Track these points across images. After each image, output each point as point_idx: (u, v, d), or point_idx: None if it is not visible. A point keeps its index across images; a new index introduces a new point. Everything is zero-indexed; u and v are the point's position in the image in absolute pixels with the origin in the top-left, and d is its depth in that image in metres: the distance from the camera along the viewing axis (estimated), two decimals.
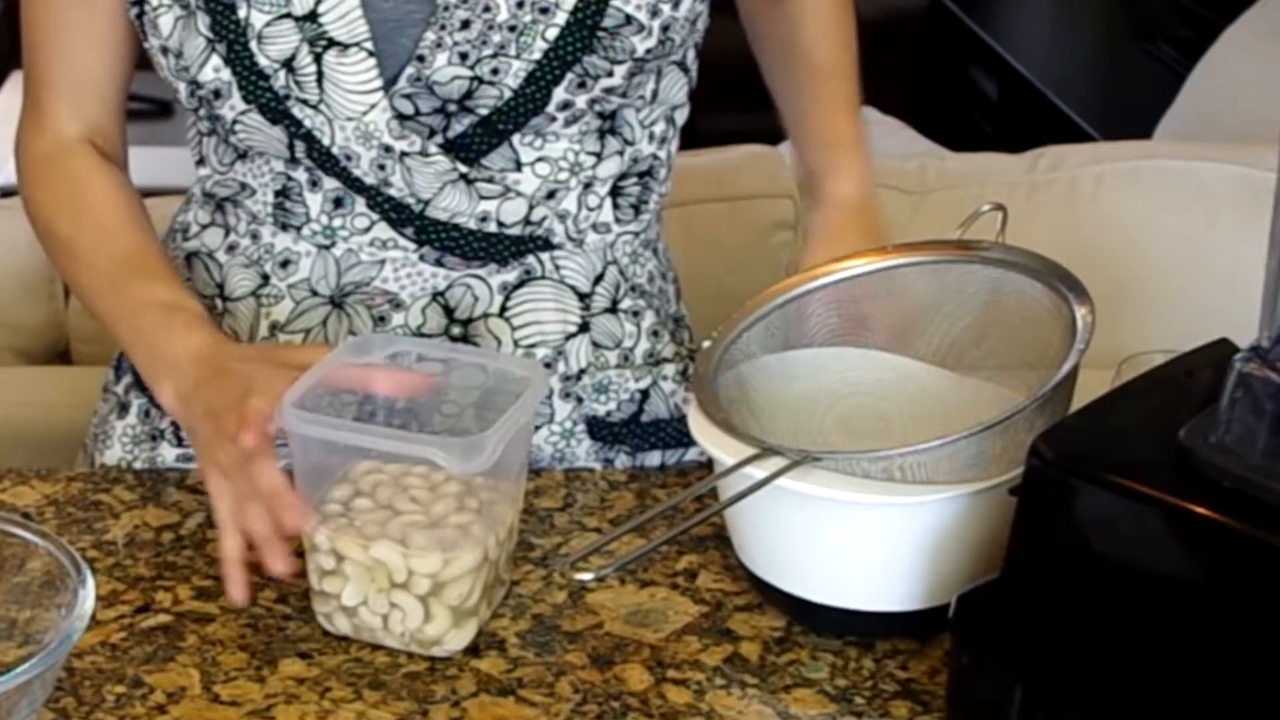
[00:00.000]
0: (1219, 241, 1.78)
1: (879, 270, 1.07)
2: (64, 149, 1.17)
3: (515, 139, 1.11)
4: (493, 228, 1.13)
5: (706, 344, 1.05)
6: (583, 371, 1.18)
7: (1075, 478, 0.84)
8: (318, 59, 1.08)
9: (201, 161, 1.19)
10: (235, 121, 1.11)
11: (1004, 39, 3.58)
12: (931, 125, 3.23)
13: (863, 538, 0.96)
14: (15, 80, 3.41)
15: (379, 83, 1.08)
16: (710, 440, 0.98)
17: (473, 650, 0.98)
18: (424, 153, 1.10)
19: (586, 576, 0.93)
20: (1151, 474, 0.83)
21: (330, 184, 1.13)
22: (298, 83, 1.08)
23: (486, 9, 1.07)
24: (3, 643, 0.91)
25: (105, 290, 1.14)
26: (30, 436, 1.58)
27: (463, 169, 1.11)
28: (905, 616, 0.98)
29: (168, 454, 1.20)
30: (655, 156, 1.19)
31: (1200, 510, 0.80)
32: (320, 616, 0.99)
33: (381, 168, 1.10)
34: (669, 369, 1.22)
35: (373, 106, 1.08)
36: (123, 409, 1.23)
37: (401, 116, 1.09)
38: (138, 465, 1.21)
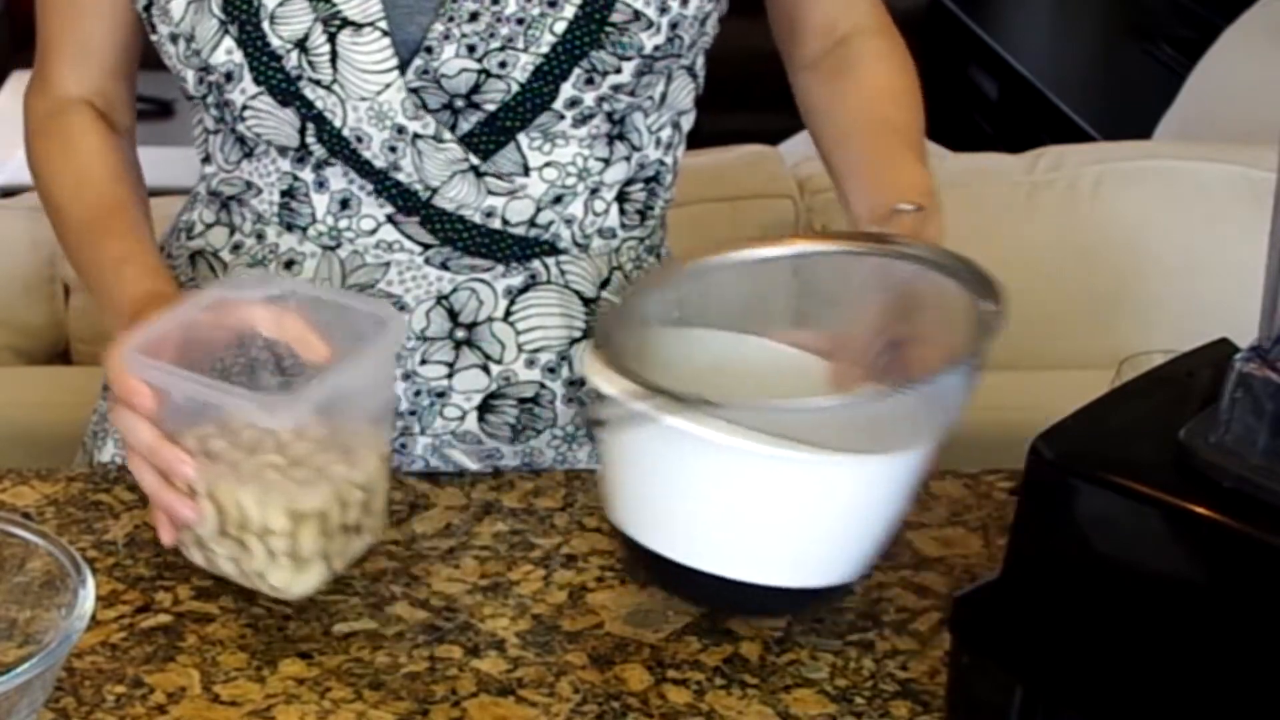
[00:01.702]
0: (1219, 241, 1.78)
1: (789, 256, 1.05)
2: (62, 107, 1.20)
3: (524, 142, 1.11)
4: (497, 224, 1.13)
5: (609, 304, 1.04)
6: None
7: (1075, 478, 0.84)
8: (331, 39, 1.08)
9: (207, 159, 1.19)
10: (245, 106, 1.11)
11: (1004, 39, 3.58)
12: (931, 125, 3.22)
13: (740, 493, 0.94)
14: (15, 80, 3.41)
15: (394, 62, 1.08)
16: (600, 376, 0.95)
17: (473, 650, 0.98)
18: (438, 138, 1.10)
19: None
20: (1151, 474, 0.83)
21: (337, 185, 1.13)
22: (310, 63, 1.08)
23: (495, 1, 1.07)
24: (3, 643, 0.91)
25: (75, 244, 1.17)
26: (30, 436, 1.58)
27: (474, 160, 1.11)
28: (775, 593, 0.97)
29: None
30: (662, 162, 1.19)
31: (1200, 510, 0.80)
32: (181, 546, 1.01)
33: (393, 150, 1.10)
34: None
35: (387, 86, 1.08)
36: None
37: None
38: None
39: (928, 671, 0.98)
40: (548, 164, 1.13)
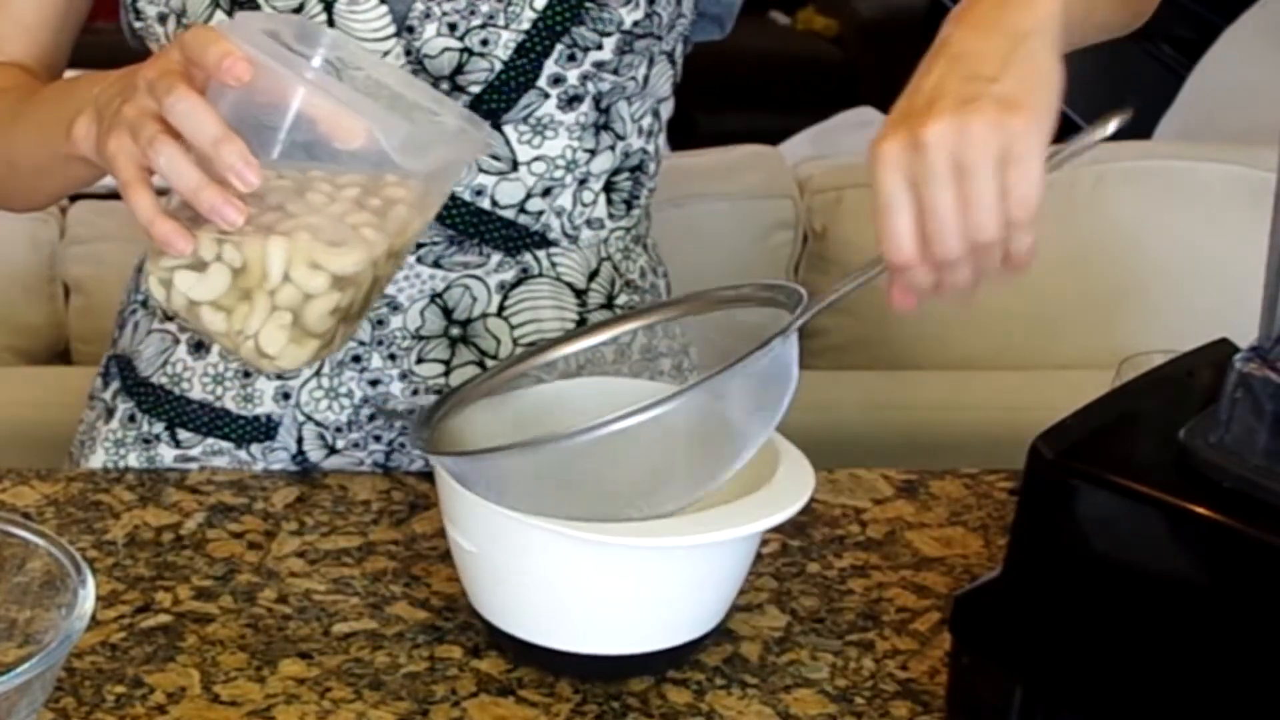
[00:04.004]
0: (1219, 241, 1.79)
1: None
2: None
3: (512, 136, 1.12)
4: (487, 204, 1.14)
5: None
6: (580, 368, 1.18)
7: (1075, 478, 0.84)
8: (328, 8, 1.08)
9: None
10: None
11: None
12: None
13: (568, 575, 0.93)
14: None
15: (392, 30, 1.08)
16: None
17: (473, 650, 0.98)
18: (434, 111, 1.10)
19: None
20: (1151, 474, 0.83)
21: None
22: None
23: None
24: (3, 643, 0.91)
25: (10, 122, 1.10)
26: (30, 436, 1.58)
27: None
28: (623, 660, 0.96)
29: (165, 454, 1.19)
30: (645, 151, 1.20)
31: (1200, 510, 0.80)
32: (152, 280, 0.92)
33: None
34: (665, 363, 1.23)
35: (384, 54, 1.09)
36: (109, 414, 1.23)
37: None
38: (126, 467, 1.20)
39: (928, 671, 0.98)
40: (537, 158, 1.13)
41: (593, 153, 1.15)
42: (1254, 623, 0.79)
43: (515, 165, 1.13)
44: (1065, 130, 0.89)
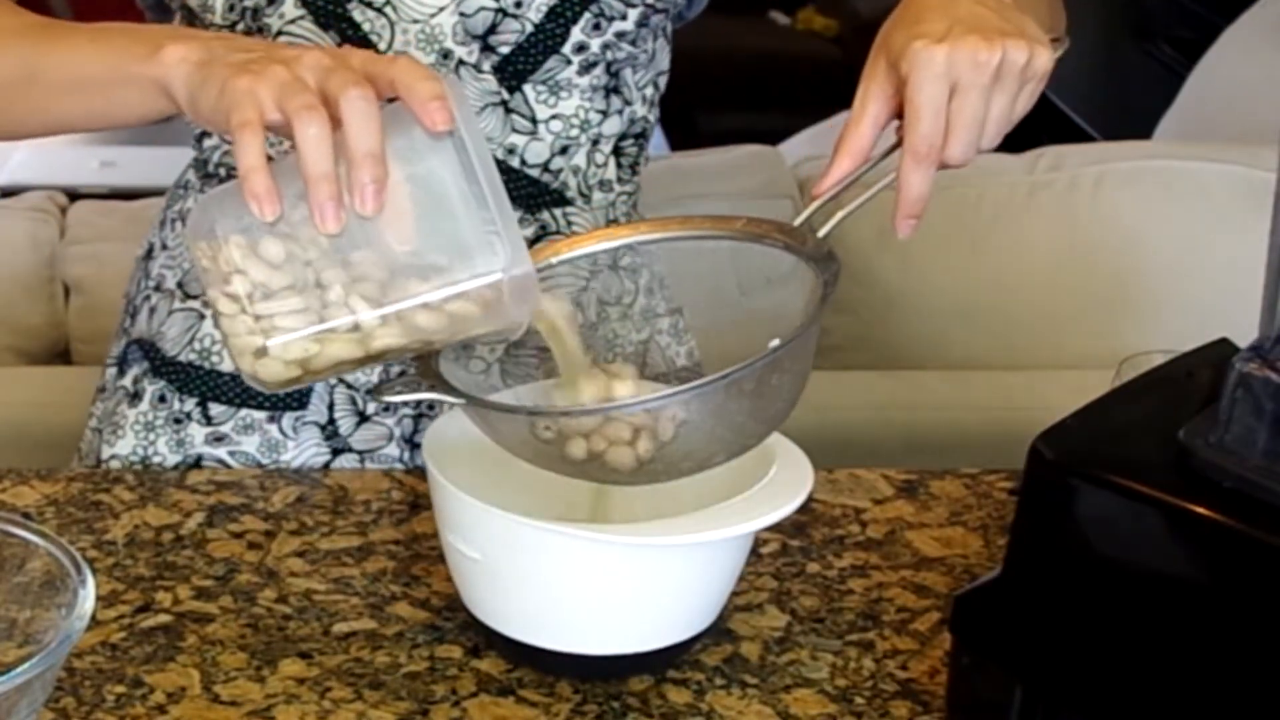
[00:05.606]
0: (1219, 241, 1.79)
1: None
2: None
3: (531, 95, 1.15)
4: (516, 163, 1.17)
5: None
6: (592, 326, 1.20)
7: (1075, 478, 0.84)
8: None
9: (205, 134, 1.19)
10: (280, 33, 1.11)
11: None
12: None
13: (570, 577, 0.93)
14: None
15: None
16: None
17: (473, 650, 0.98)
18: (478, 66, 1.13)
19: None
20: (1151, 474, 0.83)
21: None
22: None
23: None
24: (3, 643, 0.91)
25: (32, 47, 1.01)
26: (30, 436, 1.58)
27: (505, 95, 1.15)
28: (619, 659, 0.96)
29: (196, 434, 1.19)
30: (646, 119, 1.24)
31: (1200, 510, 0.80)
32: (202, 249, 0.87)
33: None
34: (663, 323, 1.24)
35: (441, 9, 1.12)
36: (134, 398, 1.23)
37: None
38: (155, 452, 1.20)
39: (928, 671, 0.98)
40: (554, 116, 1.17)
41: (604, 114, 1.19)
42: (1254, 623, 0.79)
43: (535, 123, 1.16)
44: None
